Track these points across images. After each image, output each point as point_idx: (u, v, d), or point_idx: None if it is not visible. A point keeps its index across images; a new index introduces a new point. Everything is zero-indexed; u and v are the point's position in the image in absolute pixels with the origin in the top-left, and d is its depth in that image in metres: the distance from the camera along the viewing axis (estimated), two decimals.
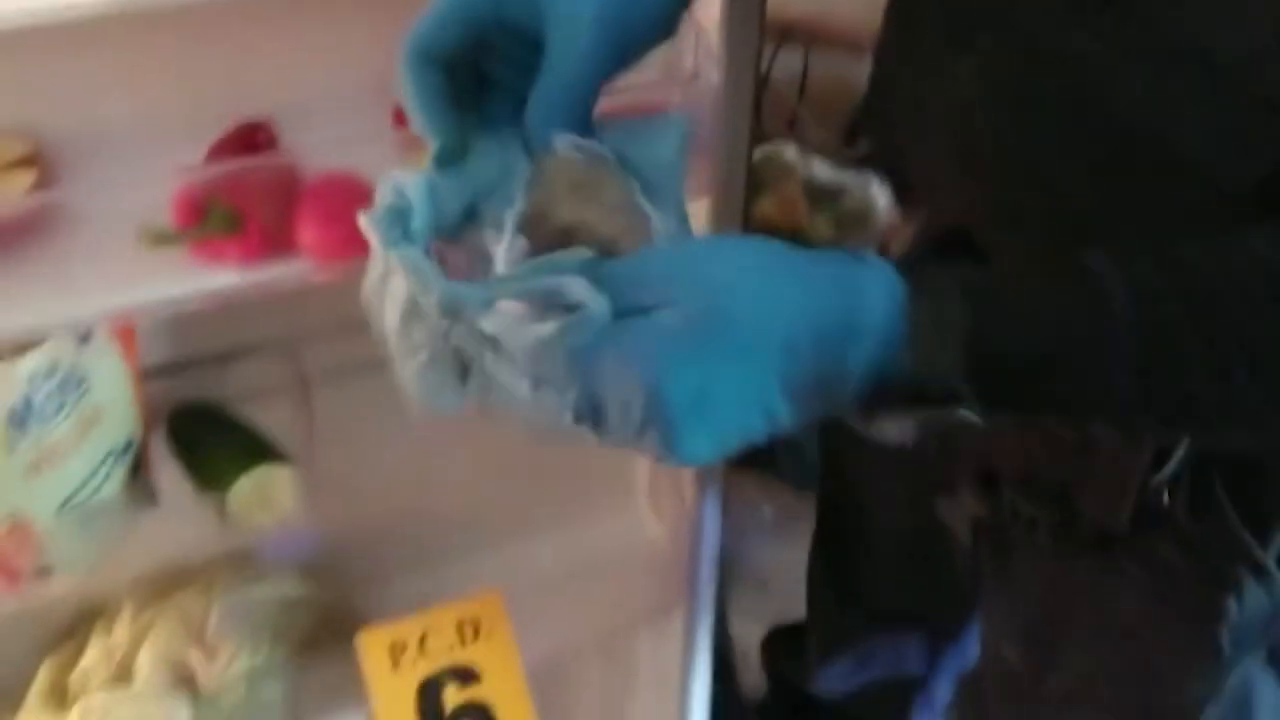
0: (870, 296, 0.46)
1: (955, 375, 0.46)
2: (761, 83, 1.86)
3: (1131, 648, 0.73)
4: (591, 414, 0.45)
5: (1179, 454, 0.64)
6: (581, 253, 0.48)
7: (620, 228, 0.50)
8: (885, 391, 0.47)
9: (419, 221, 0.51)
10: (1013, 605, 0.81)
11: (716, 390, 0.44)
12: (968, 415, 0.47)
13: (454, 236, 0.52)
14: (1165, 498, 0.65)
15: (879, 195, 1.62)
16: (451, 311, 0.47)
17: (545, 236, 0.51)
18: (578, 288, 0.45)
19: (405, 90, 0.53)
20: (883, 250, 1.04)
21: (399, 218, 0.51)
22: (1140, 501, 0.65)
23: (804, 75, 1.88)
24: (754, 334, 0.44)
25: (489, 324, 0.46)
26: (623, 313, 0.45)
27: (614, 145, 0.53)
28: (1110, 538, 0.67)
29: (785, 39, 1.81)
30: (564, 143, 0.52)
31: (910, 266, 0.47)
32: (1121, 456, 0.65)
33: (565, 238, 0.50)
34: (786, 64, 1.88)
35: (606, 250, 0.49)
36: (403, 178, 0.52)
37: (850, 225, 1.62)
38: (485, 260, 0.51)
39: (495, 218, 0.52)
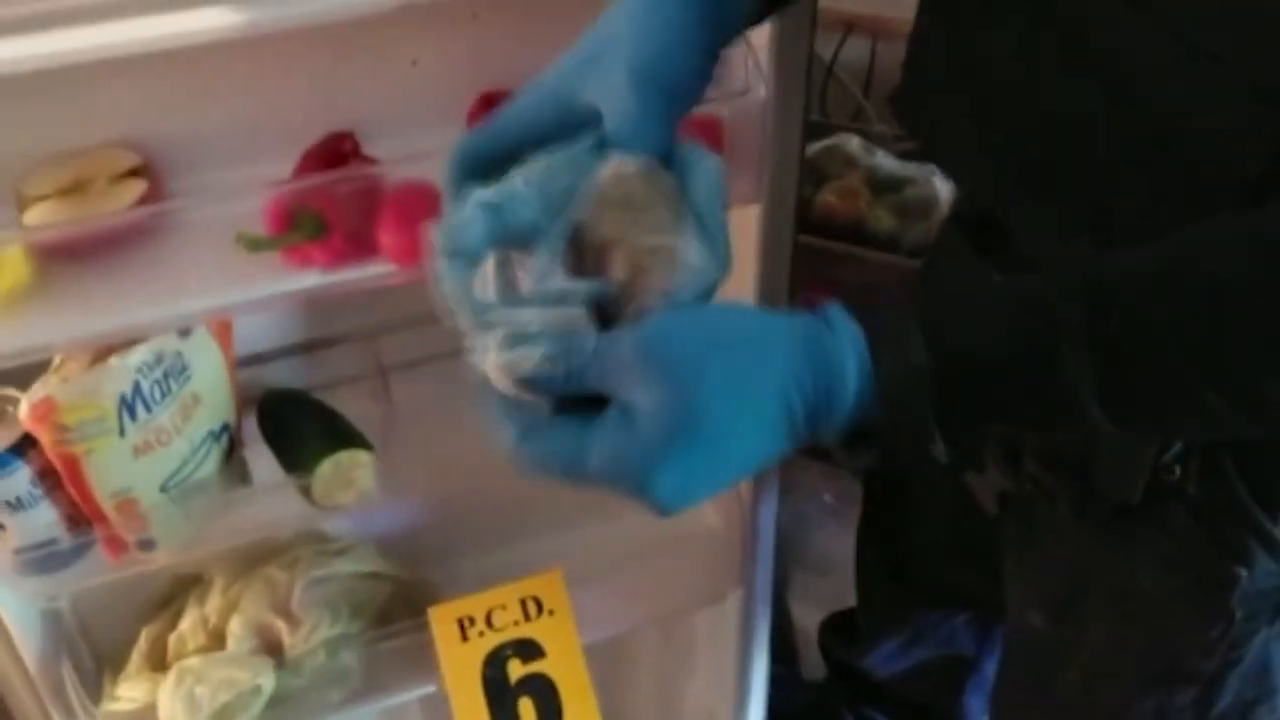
0: (843, 371, 0.48)
1: (927, 424, 0.48)
2: (826, 74, 1.87)
3: (1149, 616, 0.74)
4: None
5: None
6: (593, 286, 0.50)
7: (648, 250, 0.51)
8: (859, 436, 0.49)
9: (475, 231, 0.53)
10: (1038, 575, 0.83)
11: (698, 479, 0.47)
12: (938, 454, 0.49)
13: (525, 246, 0.54)
14: (1177, 472, 0.66)
15: (942, 186, 1.63)
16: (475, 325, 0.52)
17: (588, 249, 0.53)
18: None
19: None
20: None
21: (461, 228, 0.53)
22: (1153, 475, 0.66)
23: (870, 66, 1.88)
24: (729, 432, 0.47)
25: (474, 357, 0.51)
26: (598, 398, 0.48)
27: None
28: (1125, 510, 0.68)
29: (851, 30, 1.81)
30: (622, 159, 0.53)
31: (868, 312, 0.49)
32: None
33: (603, 252, 0.52)
34: (854, 54, 1.88)
35: (636, 269, 0.51)
36: (473, 193, 0.54)
37: (912, 215, 1.62)
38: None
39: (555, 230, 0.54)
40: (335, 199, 0.79)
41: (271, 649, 1.00)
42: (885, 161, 1.67)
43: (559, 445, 0.48)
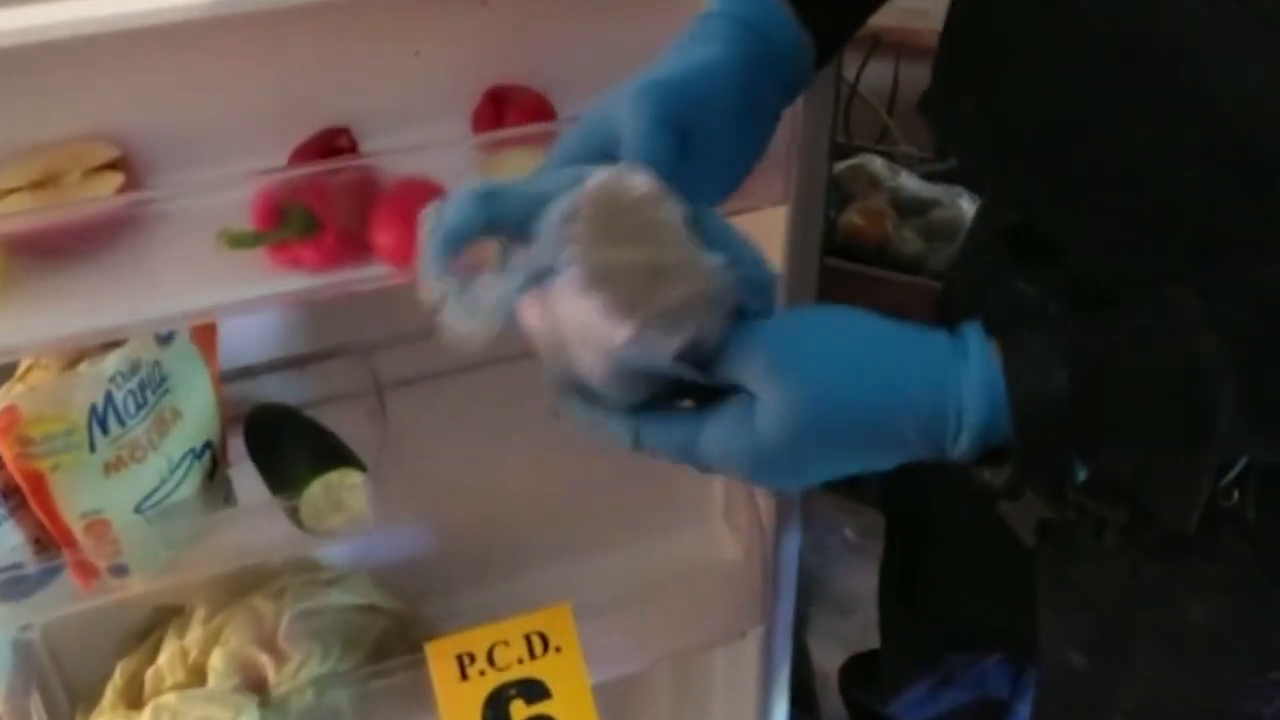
0: (969, 397, 0.48)
1: (1065, 450, 0.49)
2: (850, 94, 1.83)
3: (1201, 653, 0.71)
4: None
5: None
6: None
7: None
8: (993, 457, 0.49)
9: (460, 218, 0.50)
10: (1078, 610, 0.79)
11: (807, 476, 0.50)
12: (1075, 477, 0.51)
13: (517, 237, 0.51)
14: (1235, 496, 0.63)
15: (969, 208, 1.58)
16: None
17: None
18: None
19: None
20: None
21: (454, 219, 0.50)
22: (1209, 500, 0.63)
23: (894, 86, 1.84)
24: (850, 438, 0.49)
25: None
26: (720, 386, 0.49)
27: None
28: (1179, 537, 0.65)
29: (874, 49, 1.78)
30: (608, 173, 0.49)
31: (1004, 335, 0.49)
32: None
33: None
34: (877, 76, 1.84)
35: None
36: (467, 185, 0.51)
37: (939, 237, 1.58)
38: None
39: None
40: (328, 194, 0.74)
41: (255, 686, 0.95)
42: (910, 182, 1.63)
43: (678, 432, 0.50)
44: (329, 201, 0.74)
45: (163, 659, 0.95)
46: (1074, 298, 0.65)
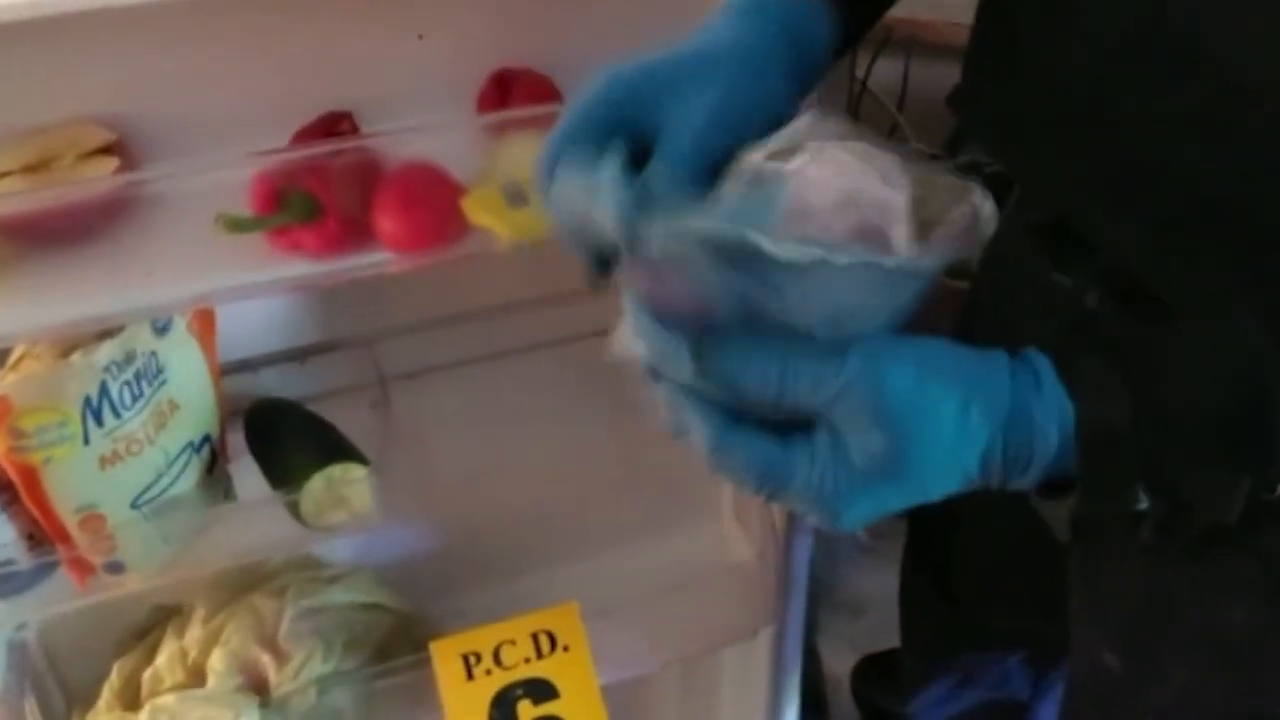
0: (1047, 429, 0.47)
1: (1130, 479, 0.50)
2: (860, 91, 1.80)
3: (1239, 655, 0.68)
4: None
5: None
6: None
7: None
8: (1056, 485, 0.50)
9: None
10: (1112, 609, 0.77)
11: (886, 509, 0.48)
12: (1141, 504, 0.51)
13: None
14: (1278, 490, 0.59)
15: (982, 203, 1.56)
16: None
17: None
18: None
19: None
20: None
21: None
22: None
23: (904, 83, 1.82)
24: (930, 476, 0.48)
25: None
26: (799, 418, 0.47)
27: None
28: (1219, 532, 0.62)
29: (885, 45, 1.76)
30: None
31: (1067, 360, 0.48)
32: None
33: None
34: (887, 71, 1.82)
35: None
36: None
37: None
38: None
39: None
40: (329, 177, 0.72)
41: (256, 686, 0.92)
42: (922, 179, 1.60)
43: (761, 458, 0.48)
44: (330, 185, 0.72)
45: (161, 659, 0.93)
46: (1110, 289, 0.63)
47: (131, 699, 0.94)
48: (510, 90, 0.81)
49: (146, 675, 0.93)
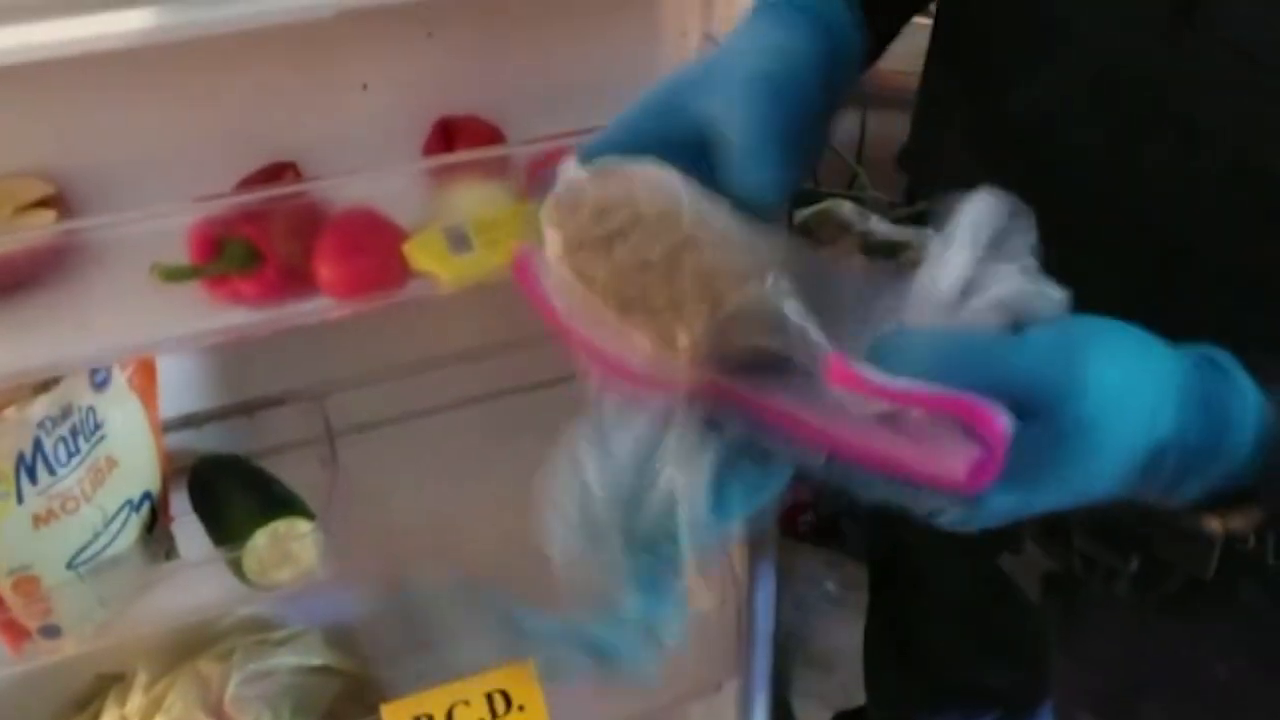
0: (1238, 428, 0.44)
1: None
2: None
3: (1219, 710, 0.67)
4: None
5: None
6: None
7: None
8: (1233, 498, 0.46)
9: None
10: (1089, 667, 0.75)
11: (1035, 508, 0.43)
12: None
13: None
14: (1252, 541, 0.58)
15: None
16: None
17: None
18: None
19: None
20: None
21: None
22: (1226, 546, 0.59)
23: (861, 136, 1.84)
24: (1113, 466, 0.43)
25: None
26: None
27: None
28: (1195, 587, 0.61)
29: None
30: None
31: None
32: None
33: None
34: (844, 125, 1.84)
35: None
36: None
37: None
38: None
39: None
40: (268, 224, 0.71)
41: None
42: (880, 226, 1.61)
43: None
44: (269, 233, 0.71)
45: None
46: None
47: None
48: (455, 138, 0.81)
49: None
